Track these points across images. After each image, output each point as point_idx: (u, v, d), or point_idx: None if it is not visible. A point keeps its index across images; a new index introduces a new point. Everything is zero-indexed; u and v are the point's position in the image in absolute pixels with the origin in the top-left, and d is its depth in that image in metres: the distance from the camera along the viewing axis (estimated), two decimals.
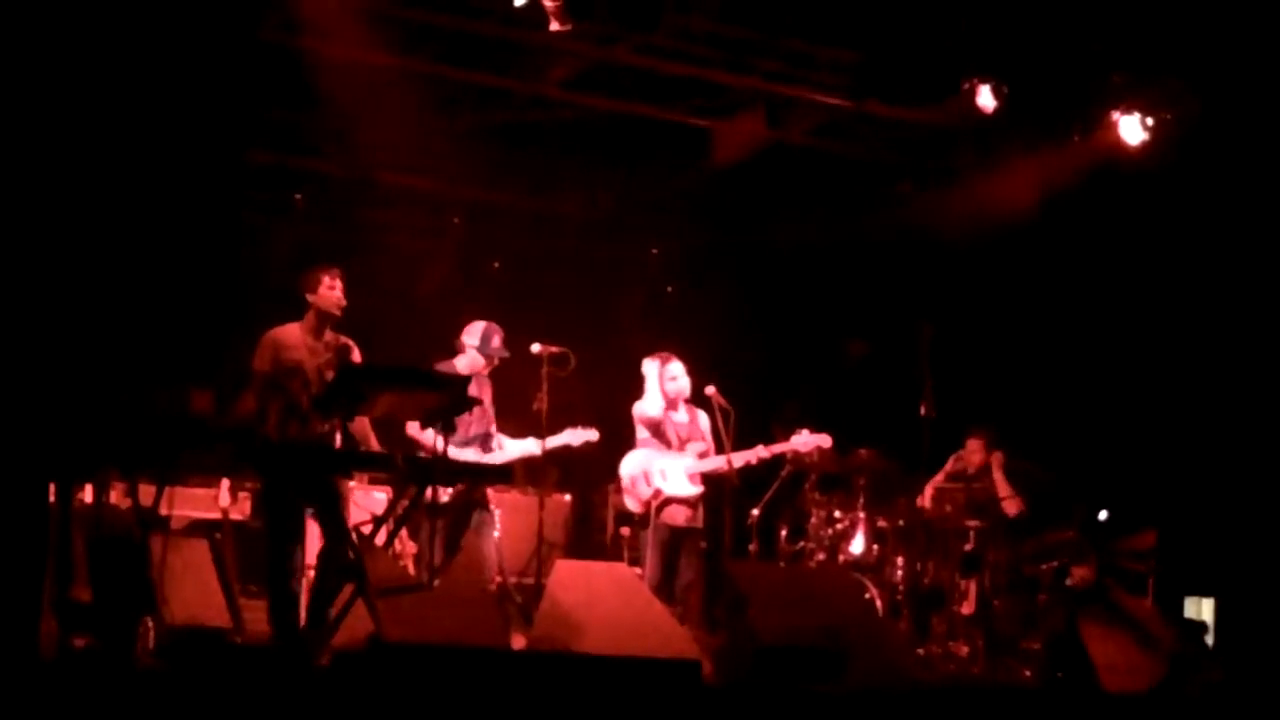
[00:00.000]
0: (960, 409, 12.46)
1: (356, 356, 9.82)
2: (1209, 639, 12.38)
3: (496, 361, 11.15)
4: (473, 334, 11.16)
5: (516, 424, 11.33)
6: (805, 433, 11.65)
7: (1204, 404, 13.28)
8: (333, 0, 11.23)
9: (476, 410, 10.86)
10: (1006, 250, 13.78)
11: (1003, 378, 13.78)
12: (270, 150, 13.67)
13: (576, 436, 11.30)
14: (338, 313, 9.74)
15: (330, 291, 9.72)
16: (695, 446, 11.43)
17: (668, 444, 11.40)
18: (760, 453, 11.47)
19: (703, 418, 11.54)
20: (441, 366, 10.98)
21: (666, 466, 11.31)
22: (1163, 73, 12.49)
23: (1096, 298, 13.71)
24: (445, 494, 10.65)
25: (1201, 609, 13.26)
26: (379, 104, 12.45)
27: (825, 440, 11.70)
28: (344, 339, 9.84)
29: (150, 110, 12.03)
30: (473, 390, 10.88)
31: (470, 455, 10.91)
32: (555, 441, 11.19)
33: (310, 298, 9.73)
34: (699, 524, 11.39)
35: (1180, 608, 13.06)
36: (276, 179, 14.16)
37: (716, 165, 13.95)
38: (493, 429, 11.13)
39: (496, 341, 11.12)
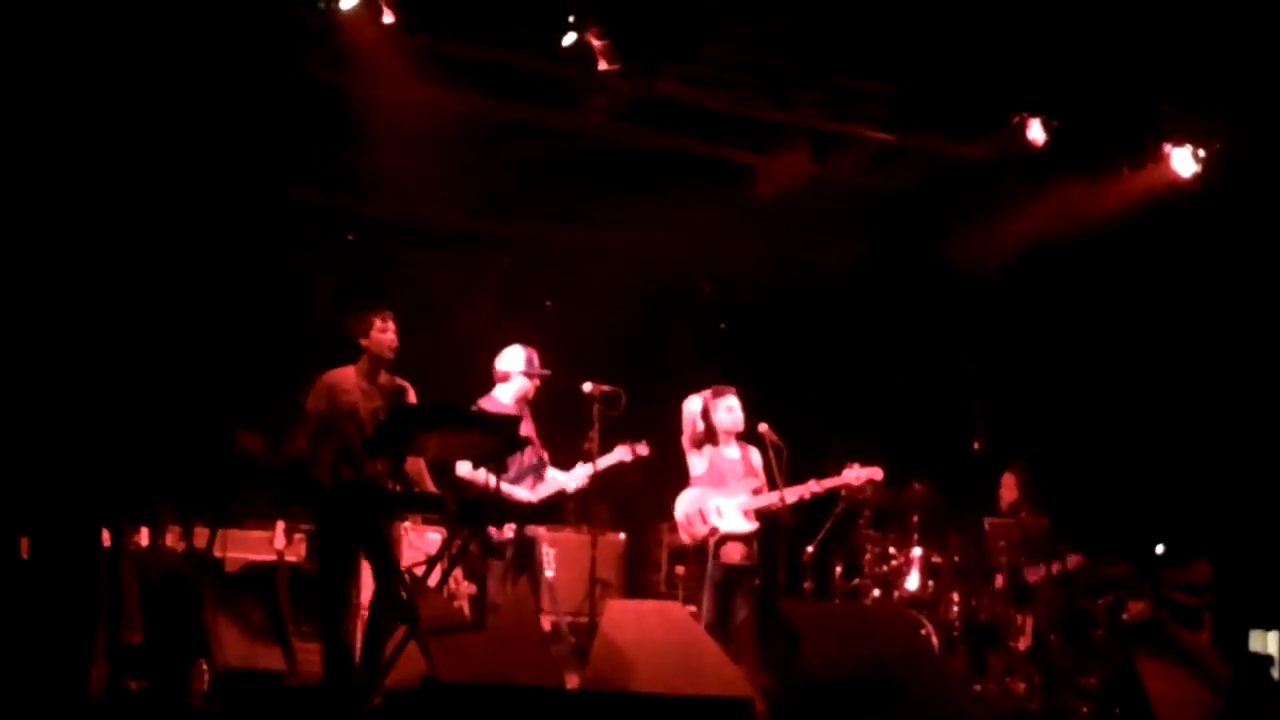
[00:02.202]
0: (1014, 444, 12.40)
1: (412, 398, 9.85)
2: (1275, 672, 12.25)
3: (539, 382, 11.14)
4: (515, 359, 11.13)
5: (568, 461, 11.33)
6: (856, 466, 11.58)
7: (1261, 434, 13.18)
8: (378, 38, 11.27)
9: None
10: (1056, 282, 13.73)
11: (1055, 411, 13.72)
12: (316, 190, 13.73)
13: (627, 453, 11.25)
14: (390, 355, 9.77)
15: (383, 334, 9.74)
16: (749, 483, 11.38)
17: (719, 481, 11.36)
18: (813, 487, 11.40)
19: (754, 454, 11.48)
20: (485, 401, 10.98)
21: (721, 504, 11.26)
22: (1213, 104, 12.46)
23: (1149, 329, 13.64)
24: (509, 531, 10.68)
25: (1267, 642, 13.14)
26: (425, 141, 12.51)
27: (877, 473, 11.62)
28: (400, 381, 9.86)
29: (195, 150, 12.15)
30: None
31: (524, 489, 10.93)
32: (607, 461, 11.17)
33: (363, 341, 9.76)
34: (754, 561, 11.32)
35: (1245, 641, 12.94)
36: (322, 220, 14.21)
37: (760, 199, 13.94)
38: (544, 457, 11.12)
39: (537, 361, 11.11)
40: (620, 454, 11.20)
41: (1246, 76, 12.03)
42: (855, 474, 11.56)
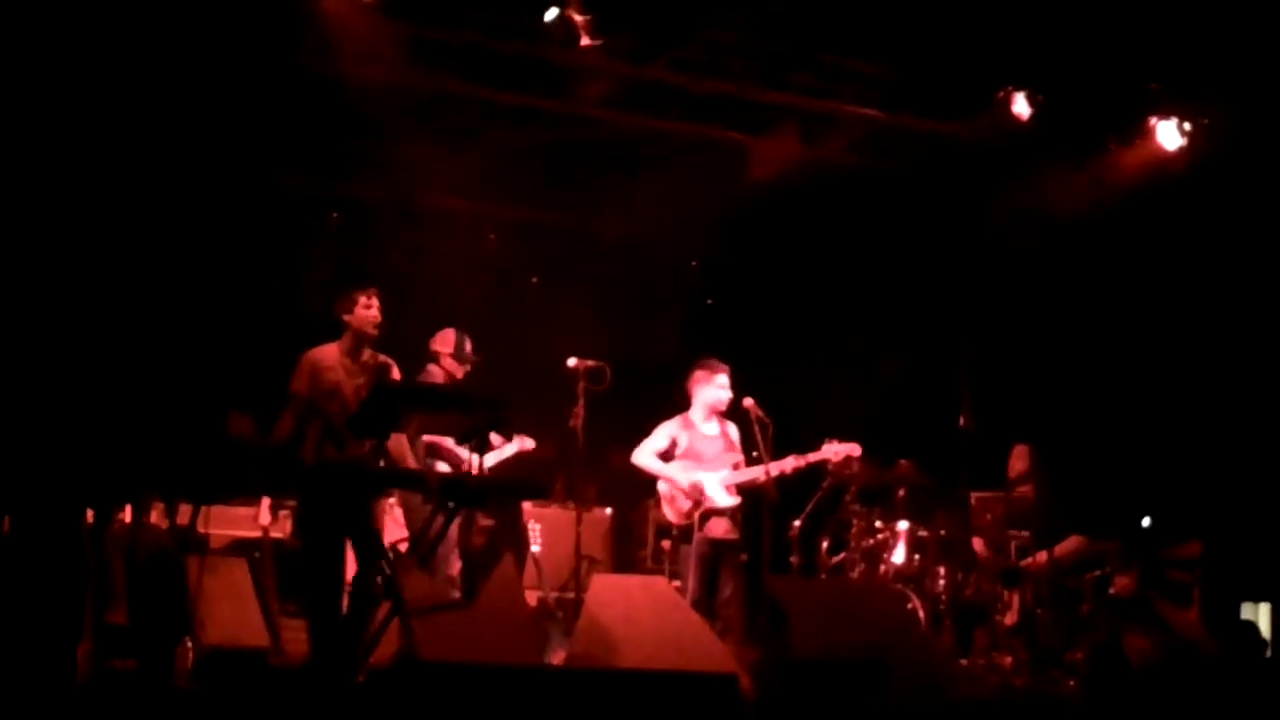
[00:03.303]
0: (1001, 421, 12.39)
1: (396, 375, 9.82)
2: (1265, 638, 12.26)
3: (470, 367, 11.27)
4: (446, 342, 11.35)
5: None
6: (834, 442, 11.59)
7: (1249, 409, 13.18)
8: (366, 23, 11.26)
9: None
10: (1047, 260, 13.72)
11: (1043, 387, 13.72)
12: (307, 174, 13.71)
13: (524, 444, 11.52)
14: (374, 332, 9.73)
15: (366, 311, 9.70)
16: (728, 458, 11.41)
17: (698, 458, 11.40)
18: (792, 463, 11.42)
19: (732, 429, 11.54)
20: (420, 377, 11.07)
21: (703, 479, 11.30)
22: (1202, 80, 12.45)
23: (1139, 306, 13.64)
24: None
25: (1258, 615, 13.13)
26: (414, 125, 12.49)
27: (855, 449, 11.63)
28: (383, 358, 9.83)
29: (185, 136, 12.14)
30: None
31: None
32: (507, 451, 11.41)
33: (347, 318, 9.71)
34: (737, 536, 11.38)
35: (1236, 614, 12.94)
36: (314, 203, 14.20)
37: (753, 181, 13.94)
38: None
39: (469, 347, 11.32)
40: (519, 444, 11.46)
41: (1236, 52, 12.01)
42: (834, 450, 11.58)
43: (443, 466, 11.06)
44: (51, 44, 11.02)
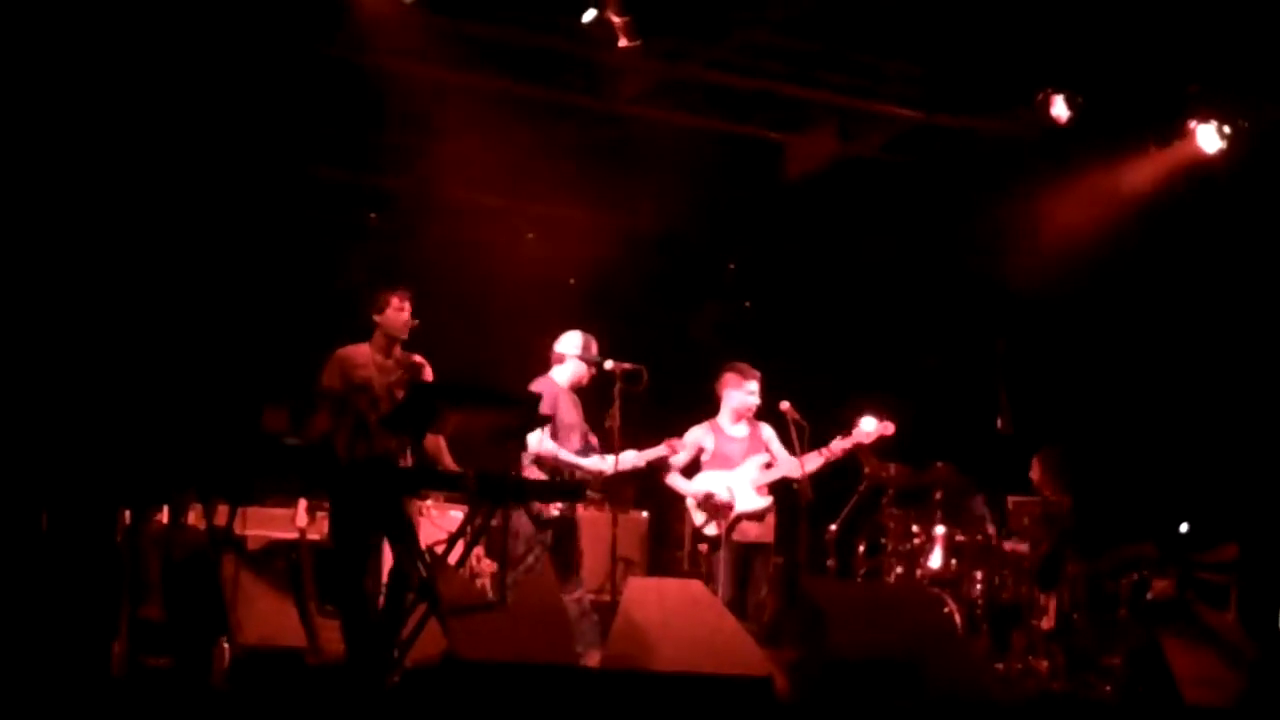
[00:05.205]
0: (1038, 424, 12.35)
1: (428, 374, 9.81)
2: None
3: (594, 369, 11.15)
4: (572, 344, 11.16)
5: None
6: (868, 418, 11.54)
7: None
8: (402, 19, 11.26)
9: (578, 421, 11.04)
10: (1083, 263, 13.65)
11: (1080, 392, 13.67)
12: (343, 169, 13.72)
13: (666, 449, 11.41)
14: (404, 334, 9.74)
15: (398, 313, 9.71)
16: (758, 459, 11.40)
17: (726, 462, 11.40)
18: (817, 460, 11.38)
19: (764, 430, 11.52)
20: (541, 381, 10.99)
21: (733, 483, 11.30)
22: (1242, 82, 12.39)
23: (1177, 308, 13.57)
24: (555, 509, 10.69)
25: None
26: (450, 121, 12.50)
27: (888, 427, 11.57)
28: (415, 357, 9.83)
29: (223, 130, 12.15)
30: (568, 403, 10.94)
31: (595, 462, 11.06)
32: (650, 454, 11.35)
33: (377, 319, 9.73)
34: (769, 538, 11.38)
35: (1274, 619, 12.86)
36: (349, 198, 14.22)
37: (790, 179, 13.91)
38: (593, 443, 11.17)
39: (595, 348, 11.14)
40: (663, 449, 11.36)
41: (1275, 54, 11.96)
42: (864, 432, 11.53)
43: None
44: (89, 34, 11.05)
